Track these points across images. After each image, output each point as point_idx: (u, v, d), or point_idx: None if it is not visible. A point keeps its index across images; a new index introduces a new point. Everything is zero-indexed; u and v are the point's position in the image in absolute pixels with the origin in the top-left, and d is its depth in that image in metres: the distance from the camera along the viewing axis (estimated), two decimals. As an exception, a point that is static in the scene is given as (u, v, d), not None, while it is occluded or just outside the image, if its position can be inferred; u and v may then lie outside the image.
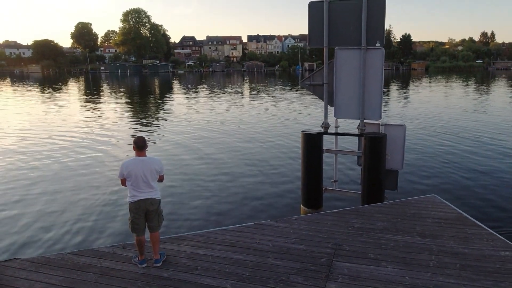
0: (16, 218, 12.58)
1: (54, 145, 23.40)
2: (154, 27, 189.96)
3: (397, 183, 11.92)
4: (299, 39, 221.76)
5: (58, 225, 12.03)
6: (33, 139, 25.27)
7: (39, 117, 36.65)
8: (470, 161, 18.48)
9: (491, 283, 6.79)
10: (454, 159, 18.87)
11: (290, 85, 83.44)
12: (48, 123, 32.93)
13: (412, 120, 31.13)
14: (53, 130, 28.78)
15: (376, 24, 10.69)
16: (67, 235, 11.38)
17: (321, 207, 11.96)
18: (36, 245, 10.82)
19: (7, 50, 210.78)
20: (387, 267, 7.40)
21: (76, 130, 29.01)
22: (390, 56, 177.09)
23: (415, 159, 18.75)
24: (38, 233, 11.53)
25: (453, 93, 57.03)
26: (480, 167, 17.40)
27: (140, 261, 7.58)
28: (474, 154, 19.71)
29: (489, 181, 15.53)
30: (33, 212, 13.11)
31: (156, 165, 7.54)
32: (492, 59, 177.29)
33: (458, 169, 17.23)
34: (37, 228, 11.86)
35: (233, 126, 30.22)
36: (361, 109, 11.24)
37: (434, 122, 29.98)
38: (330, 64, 11.48)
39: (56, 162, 19.38)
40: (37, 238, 11.20)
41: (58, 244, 10.85)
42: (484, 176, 16.22)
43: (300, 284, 6.92)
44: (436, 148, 21.14)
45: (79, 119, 35.52)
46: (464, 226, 9.20)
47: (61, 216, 12.72)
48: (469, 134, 24.90)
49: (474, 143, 22.35)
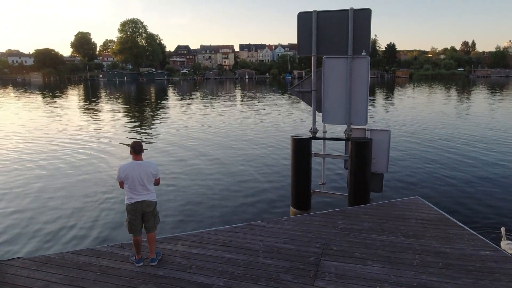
0: (19, 219, 12.56)
1: (54, 149, 23.30)
2: (150, 37, 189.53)
3: (382, 185, 11.95)
4: (289, 48, 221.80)
5: (58, 226, 12.03)
6: (35, 144, 25.15)
7: (40, 122, 36.48)
8: (452, 164, 18.56)
9: (471, 281, 6.82)
10: (437, 162, 18.95)
11: (280, 92, 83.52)
12: (49, 128, 32.79)
13: (396, 125, 31.21)
14: (54, 135, 28.65)
15: (362, 34, 10.75)
16: (67, 235, 11.39)
17: (310, 209, 11.97)
18: (37, 245, 10.83)
19: (10, 58, 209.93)
20: (373, 266, 7.41)
21: (76, 135, 28.86)
22: (376, 64, 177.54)
23: (399, 163, 18.80)
24: (39, 233, 11.53)
25: (436, 99, 57.25)
26: (461, 170, 17.49)
27: (137, 260, 7.62)
28: (456, 158, 19.80)
29: (471, 184, 15.60)
30: (35, 213, 13.10)
31: (152, 168, 7.56)
32: (473, 67, 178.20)
33: (441, 172, 17.30)
34: (38, 228, 11.85)
35: (226, 131, 30.20)
36: (347, 115, 11.28)
37: (417, 127, 30.10)
38: (318, 72, 11.52)
39: (56, 166, 19.30)
40: (38, 238, 11.20)
41: (58, 244, 10.87)
42: (465, 179, 16.29)
43: (290, 282, 6.92)
44: (420, 152, 21.23)
45: (79, 124, 35.34)
46: (446, 227, 9.24)
47: (61, 217, 12.72)
48: (451, 139, 25.01)
49: (456, 147, 22.44)
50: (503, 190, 14.85)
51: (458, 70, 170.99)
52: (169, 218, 12.52)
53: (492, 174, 16.90)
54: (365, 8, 10.54)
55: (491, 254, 7.81)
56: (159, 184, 7.94)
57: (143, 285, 6.89)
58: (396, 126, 30.75)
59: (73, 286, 6.92)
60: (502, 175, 16.74)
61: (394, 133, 25.83)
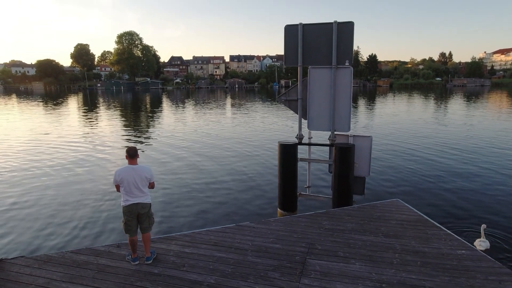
0: (21, 220, 12.55)
1: (54, 154, 23.17)
2: (146, 48, 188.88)
3: (364, 188, 11.99)
4: (276, 58, 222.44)
5: (58, 226, 12.03)
6: (36, 148, 25.03)
7: (43, 128, 36.32)
8: (430, 168, 18.65)
9: (448, 279, 6.87)
10: (416, 166, 19.04)
11: (268, 100, 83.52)
12: (51, 133, 32.62)
13: (378, 131, 31.32)
14: (55, 140, 28.47)
15: (345, 45, 10.82)
16: (67, 236, 11.39)
17: (296, 210, 12.00)
18: (39, 244, 10.83)
19: (13, 68, 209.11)
20: (355, 264, 7.44)
21: (76, 140, 28.68)
22: (358, 74, 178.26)
23: (380, 167, 18.87)
24: (41, 233, 11.53)
25: (415, 107, 57.54)
26: (439, 174, 17.58)
27: (133, 259, 7.67)
28: (434, 162, 19.91)
29: (448, 187, 15.68)
30: (36, 214, 13.09)
31: (147, 172, 7.62)
32: (450, 77, 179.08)
33: (420, 175, 17.39)
34: (40, 229, 11.86)
35: (217, 136, 30.14)
36: (331, 122, 11.33)
37: (398, 134, 30.21)
38: (304, 81, 11.56)
39: (56, 170, 19.19)
40: (40, 238, 11.20)
41: (59, 243, 10.88)
42: (442, 182, 16.38)
43: (277, 279, 6.94)
44: (400, 157, 21.32)
45: (79, 130, 35.16)
46: (425, 227, 9.29)
47: (62, 218, 12.71)
48: (429, 144, 25.14)
49: (434, 152, 22.55)
50: (478, 192, 14.94)
51: (436, 79, 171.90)
52: (163, 219, 12.50)
53: (468, 177, 17.01)
54: (348, 21, 10.61)
55: (467, 253, 7.87)
56: (153, 187, 7.97)
57: (139, 283, 6.92)
58: (377, 132, 30.87)
59: (72, 284, 6.95)
60: (477, 178, 16.85)
61: (376, 139, 25.93)
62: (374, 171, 17.57)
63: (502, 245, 10.35)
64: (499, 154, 21.87)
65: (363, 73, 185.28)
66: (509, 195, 14.59)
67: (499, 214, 12.68)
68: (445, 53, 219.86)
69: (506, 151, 22.57)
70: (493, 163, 19.59)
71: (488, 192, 15.02)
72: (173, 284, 6.86)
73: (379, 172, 17.92)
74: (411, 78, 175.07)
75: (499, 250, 10.02)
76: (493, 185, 15.82)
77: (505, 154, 21.83)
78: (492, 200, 14.09)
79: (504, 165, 19.01)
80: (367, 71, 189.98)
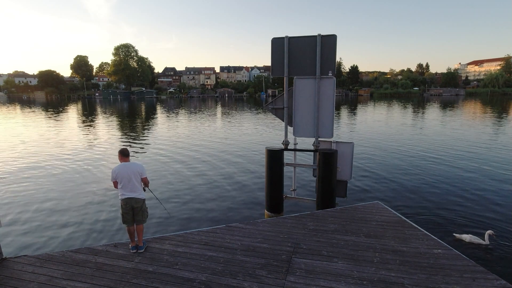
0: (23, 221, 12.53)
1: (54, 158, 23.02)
2: (141, 59, 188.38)
3: (346, 191, 12.03)
4: (264, 69, 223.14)
5: (59, 227, 12.03)
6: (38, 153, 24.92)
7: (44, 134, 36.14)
8: (409, 172, 18.76)
9: (425, 276, 6.90)
10: (395, 171, 19.14)
11: (256, 108, 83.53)
12: (52, 139, 32.46)
13: (359, 138, 31.44)
14: (55, 145, 28.36)
15: (329, 57, 10.86)
16: (67, 236, 11.40)
17: (282, 212, 11.99)
18: (41, 244, 10.84)
19: (16, 79, 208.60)
20: (338, 263, 7.45)
21: (75, 145, 28.55)
22: (341, 84, 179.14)
23: (361, 171, 18.93)
24: (43, 233, 11.53)
25: (394, 115, 57.82)
26: (417, 178, 17.68)
27: (131, 247, 8.12)
28: (412, 167, 20.02)
29: (425, 190, 15.77)
30: (37, 215, 13.07)
31: (139, 168, 8.11)
32: (427, 87, 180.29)
33: (398, 179, 17.47)
34: (41, 229, 11.86)
35: (208, 142, 30.07)
36: (316, 129, 11.36)
37: (378, 140, 30.36)
38: (290, 90, 11.59)
39: (57, 173, 19.15)
40: (42, 238, 11.21)
41: (59, 243, 10.90)
42: (420, 185, 16.47)
43: (265, 277, 6.93)
44: (380, 162, 21.41)
45: (78, 136, 35.01)
46: (403, 228, 9.32)
47: (62, 219, 12.70)
48: (407, 149, 25.29)
49: (412, 157, 22.70)
50: (454, 194, 15.04)
51: (413, 89, 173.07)
52: (157, 220, 12.45)
53: (444, 180, 17.12)
54: (331, 34, 10.66)
55: (443, 252, 7.91)
56: (148, 183, 8.34)
57: (135, 280, 6.94)
58: (359, 138, 31.00)
59: (72, 281, 6.98)
60: (452, 180, 16.97)
61: (357, 145, 26.08)
62: (356, 175, 17.67)
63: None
64: (471, 157, 22.02)
65: (345, 83, 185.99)
66: (483, 197, 14.72)
67: (474, 214, 12.78)
68: (422, 64, 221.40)
69: (477, 154, 22.74)
70: (467, 166, 19.74)
71: (464, 194, 15.11)
72: (167, 281, 6.85)
73: (360, 176, 17.99)
74: (390, 88, 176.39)
75: (473, 247, 10.11)
76: (469, 188, 15.91)
77: (477, 157, 21.99)
78: (467, 201, 14.19)
79: (475, 168, 19.16)
80: (349, 81, 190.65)
